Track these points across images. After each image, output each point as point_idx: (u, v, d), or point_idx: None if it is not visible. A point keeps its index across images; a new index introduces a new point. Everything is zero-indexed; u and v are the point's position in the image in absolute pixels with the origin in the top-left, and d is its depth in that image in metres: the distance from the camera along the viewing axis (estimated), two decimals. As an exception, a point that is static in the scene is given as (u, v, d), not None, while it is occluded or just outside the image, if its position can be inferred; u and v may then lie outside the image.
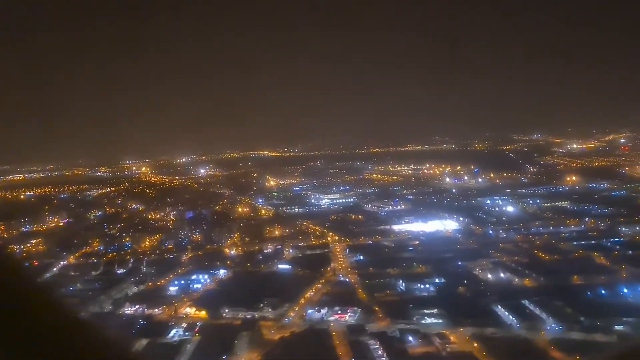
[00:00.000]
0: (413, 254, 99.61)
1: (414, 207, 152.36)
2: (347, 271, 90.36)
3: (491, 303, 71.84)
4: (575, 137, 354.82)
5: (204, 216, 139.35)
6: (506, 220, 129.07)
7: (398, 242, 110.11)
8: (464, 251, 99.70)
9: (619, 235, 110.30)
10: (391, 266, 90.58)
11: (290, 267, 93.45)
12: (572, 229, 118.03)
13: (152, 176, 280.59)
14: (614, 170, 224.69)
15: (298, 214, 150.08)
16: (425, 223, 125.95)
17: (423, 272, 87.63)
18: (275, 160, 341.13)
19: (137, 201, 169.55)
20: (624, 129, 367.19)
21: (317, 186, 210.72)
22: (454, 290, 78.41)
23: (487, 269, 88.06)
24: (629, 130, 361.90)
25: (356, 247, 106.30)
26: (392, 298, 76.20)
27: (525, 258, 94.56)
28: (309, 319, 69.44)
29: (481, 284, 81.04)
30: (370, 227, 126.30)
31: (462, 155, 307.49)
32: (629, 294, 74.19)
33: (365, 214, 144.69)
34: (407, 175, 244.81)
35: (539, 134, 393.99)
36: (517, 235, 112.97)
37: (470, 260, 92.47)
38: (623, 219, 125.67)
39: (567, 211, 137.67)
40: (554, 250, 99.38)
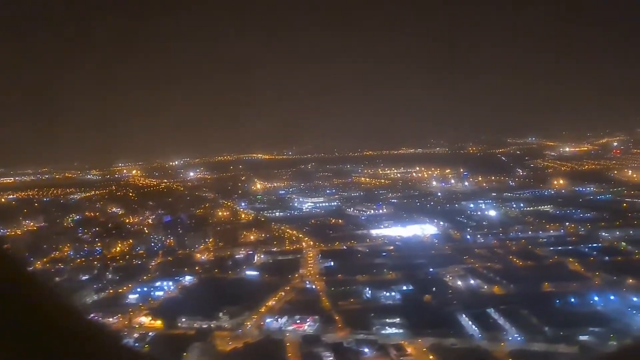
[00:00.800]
0: (385, 259, 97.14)
1: (396, 211, 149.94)
2: (315, 278, 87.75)
3: (456, 312, 69.27)
4: (569, 140, 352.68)
5: (182, 220, 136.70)
6: (486, 224, 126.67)
7: (373, 247, 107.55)
8: (438, 257, 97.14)
9: (597, 240, 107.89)
10: (361, 272, 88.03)
11: (258, 274, 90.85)
12: (551, 233, 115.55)
13: (141, 179, 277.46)
14: (603, 173, 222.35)
15: (278, 217, 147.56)
16: (404, 227, 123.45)
17: (392, 279, 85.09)
18: (267, 163, 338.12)
19: (118, 205, 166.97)
20: (618, 132, 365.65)
21: (303, 189, 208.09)
22: (420, 298, 75.86)
23: (458, 275, 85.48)
24: (623, 134, 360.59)
25: (329, 253, 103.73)
26: (356, 306, 73.59)
27: (499, 264, 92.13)
28: (266, 329, 66.84)
29: (449, 291, 78.45)
30: (348, 232, 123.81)
31: (454, 158, 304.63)
32: (599, 302, 71.66)
33: (345, 218, 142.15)
34: (396, 178, 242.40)
35: (534, 137, 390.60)
36: (495, 240, 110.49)
37: (443, 267, 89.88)
38: (604, 223, 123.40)
39: (549, 215, 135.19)
40: (529, 256, 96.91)
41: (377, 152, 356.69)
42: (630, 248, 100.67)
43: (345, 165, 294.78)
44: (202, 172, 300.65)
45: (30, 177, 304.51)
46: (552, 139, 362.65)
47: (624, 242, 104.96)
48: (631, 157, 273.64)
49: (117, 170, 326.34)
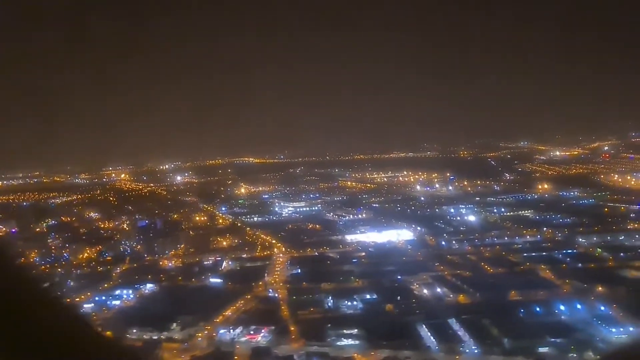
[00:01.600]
0: (354, 266, 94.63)
1: (375, 216, 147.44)
2: (280, 286, 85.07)
3: (416, 322, 66.76)
4: (562, 144, 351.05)
5: (156, 225, 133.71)
6: (464, 230, 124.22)
7: (344, 253, 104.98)
8: (408, 264, 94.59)
9: (573, 246, 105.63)
10: (327, 280, 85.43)
11: (221, 281, 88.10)
12: (527, 239, 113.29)
13: (128, 183, 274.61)
14: (589, 178, 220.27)
15: (256, 223, 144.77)
16: (380, 233, 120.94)
17: (357, 287, 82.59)
18: (258, 167, 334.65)
19: (96, 209, 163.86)
20: (610, 137, 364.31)
21: (287, 194, 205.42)
22: (382, 307, 73.36)
23: (426, 283, 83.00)
24: (615, 138, 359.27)
25: (299, 259, 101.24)
26: (315, 316, 70.97)
27: (469, 271, 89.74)
28: (217, 341, 64.16)
29: (413, 300, 75.85)
30: (323, 238, 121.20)
31: (444, 162, 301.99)
32: (565, 312, 69.29)
33: (323, 223, 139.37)
34: (382, 182, 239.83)
35: (526, 141, 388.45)
36: (469, 246, 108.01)
37: (411, 274, 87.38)
38: (582, 229, 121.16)
39: (528, 221, 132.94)
40: (501, 262, 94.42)
41: (368, 156, 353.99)
42: (605, 254, 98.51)
43: (334, 169, 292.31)
44: (190, 176, 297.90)
45: (19, 181, 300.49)
46: (544, 143, 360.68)
47: (600, 248, 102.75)
48: (620, 161, 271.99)
49: (106, 174, 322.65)
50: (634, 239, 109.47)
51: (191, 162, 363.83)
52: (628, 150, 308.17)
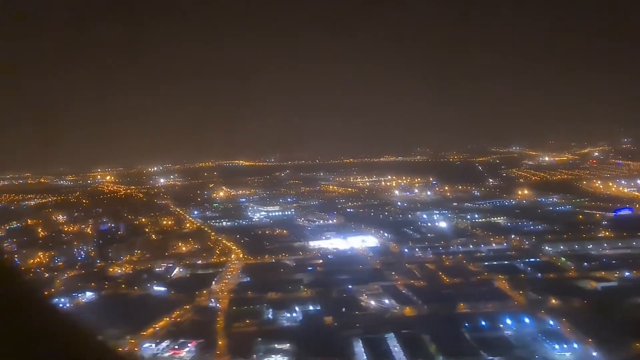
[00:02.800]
0: (308, 275, 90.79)
1: (347, 221, 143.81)
2: (224, 295, 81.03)
3: (353, 337, 62.76)
4: (553, 149, 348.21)
5: (118, 230, 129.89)
6: (431, 237, 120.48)
7: (302, 260, 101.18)
8: (364, 272, 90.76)
9: (538, 255, 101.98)
10: (275, 289, 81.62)
11: (165, 290, 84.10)
12: (493, 247, 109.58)
13: (110, 185, 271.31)
14: (572, 184, 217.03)
15: (223, 227, 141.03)
16: (345, 239, 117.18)
17: (304, 297, 78.74)
18: (246, 170, 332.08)
19: (65, 212, 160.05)
20: (602, 142, 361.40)
21: (265, 198, 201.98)
22: (322, 320, 69.34)
23: (376, 294, 79.15)
24: (607, 144, 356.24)
25: (253, 267, 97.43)
26: (250, 329, 66.95)
27: (424, 281, 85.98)
28: (139, 356, 60.07)
29: (357, 312, 71.86)
30: (286, 244, 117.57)
31: (431, 167, 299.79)
32: (511, 326, 65.29)
33: (291, 228, 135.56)
34: (364, 187, 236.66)
35: (518, 146, 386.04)
36: (432, 254, 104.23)
37: (364, 284, 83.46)
38: (551, 236, 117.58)
39: (499, 227, 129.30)
40: (460, 272, 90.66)
41: (358, 160, 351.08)
42: (569, 264, 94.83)
43: (319, 173, 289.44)
44: (175, 179, 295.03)
45: (4, 182, 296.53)
46: (536, 148, 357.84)
47: (564, 257, 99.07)
48: (607, 167, 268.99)
49: (93, 176, 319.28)
50: (601, 248, 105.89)
51: (181, 164, 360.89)
52: (617, 156, 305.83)
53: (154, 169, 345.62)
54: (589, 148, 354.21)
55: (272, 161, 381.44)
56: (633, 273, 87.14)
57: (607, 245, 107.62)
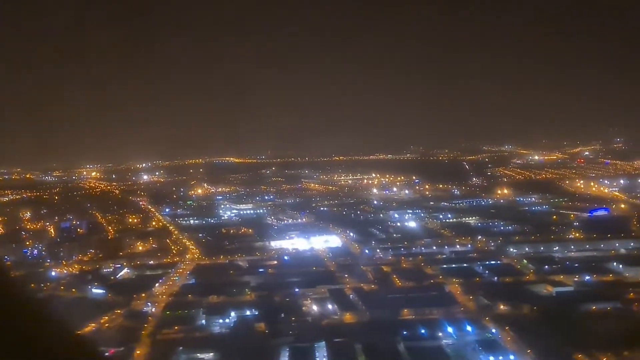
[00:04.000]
0: (257, 277, 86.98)
1: (316, 220, 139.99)
2: (162, 299, 77.13)
3: (282, 345, 58.89)
4: (545, 148, 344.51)
5: (79, 227, 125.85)
6: (396, 237, 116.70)
7: (256, 261, 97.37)
8: (315, 275, 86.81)
9: (500, 257, 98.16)
10: (218, 292, 77.73)
11: (104, 292, 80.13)
12: (456, 248, 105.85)
13: (92, 182, 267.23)
14: (554, 183, 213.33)
15: (190, 226, 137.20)
16: (307, 239, 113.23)
17: (245, 301, 75.03)
18: (234, 166, 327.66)
19: (34, 208, 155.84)
20: (594, 142, 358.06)
21: (242, 195, 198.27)
22: (254, 326, 65.42)
23: (321, 298, 75.28)
24: (599, 144, 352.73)
25: (204, 268, 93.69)
26: (177, 335, 63.07)
27: (375, 285, 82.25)
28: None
29: (294, 318, 67.88)
30: (247, 243, 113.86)
31: (418, 165, 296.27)
32: (451, 334, 61.51)
33: (258, 227, 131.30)
34: (345, 185, 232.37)
35: (510, 145, 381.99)
36: (393, 255, 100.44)
37: (311, 287, 79.66)
38: (519, 237, 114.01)
39: (469, 228, 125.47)
40: (415, 275, 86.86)
41: (348, 158, 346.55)
42: (530, 266, 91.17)
43: (304, 171, 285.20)
44: (160, 176, 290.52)
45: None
46: (528, 147, 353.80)
47: (527, 259, 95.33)
48: (594, 167, 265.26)
49: (79, 172, 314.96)
50: (567, 250, 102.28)
51: (171, 161, 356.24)
52: (606, 156, 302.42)
53: (142, 165, 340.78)
54: (580, 147, 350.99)
55: (263, 158, 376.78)
56: (593, 277, 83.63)
57: (574, 248, 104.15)
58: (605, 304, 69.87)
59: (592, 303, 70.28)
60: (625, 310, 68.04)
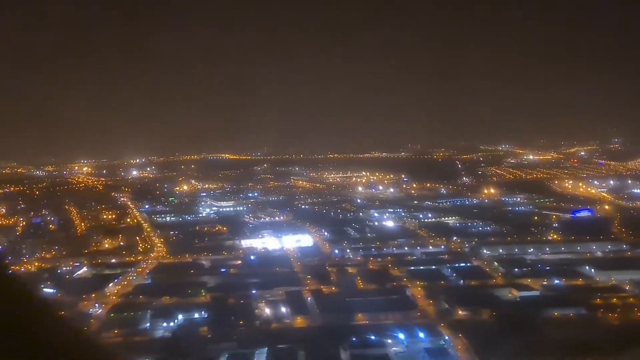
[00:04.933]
0: (217, 277, 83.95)
1: (294, 218, 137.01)
2: (112, 300, 74.01)
3: (222, 351, 55.69)
4: (542, 148, 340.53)
5: (49, 224, 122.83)
6: (370, 237, 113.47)
7: (220, 261, 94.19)
8: (277, 275, 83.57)
9: (471, 259, 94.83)
10: (173, 293, 74.55)
11: (54, 292, 76.85)
12: (429, 249, 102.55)
13: (81, 177, 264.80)
14: (543, 183, 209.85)
15: (165, 223, 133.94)
16: (279, 238, 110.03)
17: (197, 303, 71.88)
18: (229, 163, 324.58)
19: (10, 203, 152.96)
20: (591, 142, 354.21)
21: (227, 192, 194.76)
22: (198, 330, 62.18)
23: (277, 300, 71.97)
24: (597, 144, 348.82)
25: (165, 267, 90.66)
26: (116, 339, 59.76)
27: (336, 287, 78.92)
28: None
29: (241, 322, 64.58)
30: (217, 242, 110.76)
31: (412, 164, 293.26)
32: (402, 341, 58.27)
33: (234, 225, 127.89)
34: (333, 182, 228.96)
35: (507, 145, 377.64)
36: (362, 256, 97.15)
37: (269, 288, 76.44)
38: (495, 238, 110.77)
39: (446, 228, 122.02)
40: (380, 276, 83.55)
41: (343, 156, 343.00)
42: (500, 269, 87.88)
43: (296, 168, 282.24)
44: (151, 171, 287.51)
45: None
46: (525, 146, 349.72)
47: (498, 261, 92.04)
48: (587, 167, 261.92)
49: (71, 167, 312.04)
50: (541, 252, 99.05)
51: (166, 157, 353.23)
52: (602, 156, 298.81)
53: (137, 161, 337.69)
54: (577, 147, 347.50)
55: (259, 155, 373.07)
56: (562, 281, 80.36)
57: (549, 250, 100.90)
58: (569, 310, 66.71)
59: (555, 309, 67.04)
60: (589, 317, 64.73)
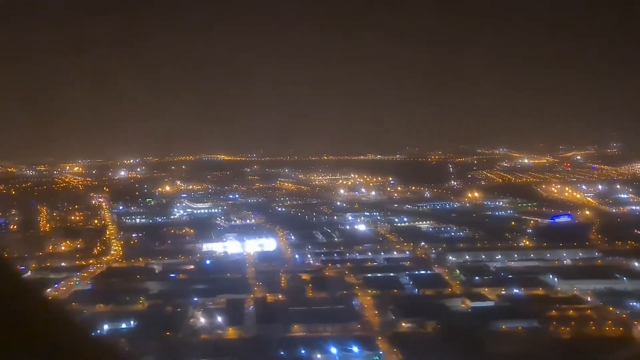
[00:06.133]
0: (162, 283, 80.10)
1: (267, 221, 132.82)
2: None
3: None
4: (540, 152, 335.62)
5: (9, 225, 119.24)
6: (337, 242, 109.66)
7: (172, 265, 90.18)
8: (226, 282, 79.24)
9: (433, 266, 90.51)
10: (110, 300, 70.66)
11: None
12: (393, 255, 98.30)
13: (67, 177, 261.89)
14: (530, 187, 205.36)
15: (134, 225, 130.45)
16: (242, 242, 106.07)
17: (131, 312, 67.79)
18: (222, 164, 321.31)
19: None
20: (589, 146, 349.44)
21: (208, 194, 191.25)
22: (116, 344, 57.97)
23: (216, 309, 67.88)
24: (594, 148, 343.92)
25: (112, 272, 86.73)
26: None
27: (284, 295, 74.80)
28: None
29: (168, 333, 60.43)
30: (178, 245, 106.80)
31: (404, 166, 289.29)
32: (335, 356, 54.11)
33: (202, 227, 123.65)
34: (318, 185, 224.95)
35: (504, 148, 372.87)
36: (322, 261, 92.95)
37: (213, 296, 72.49)
38: (464, 244, 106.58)
39: (418, 233, 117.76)
40: (333, 284, 79.08)
41: (337, 158, 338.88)
42: (461, 277, 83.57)
43: (285, 170, 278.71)
44: (140, 172, 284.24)
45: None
46: (522, 150, 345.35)
47: (461, 269, 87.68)
48: (580, 171, 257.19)
49: (62, 167, 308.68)
50: (509, 259, 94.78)
51: (161, 157, 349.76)
52: (597, 161, 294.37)
53: (131, 161, 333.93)
54: (574, 151, 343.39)
55: (254, 156, 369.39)
56: (522, 290, 75.97)
57: (518, 256, 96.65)
58: (520, 323, 62.43)
59: (505, 321, 62.79)
60: (538, 331, 60.43)
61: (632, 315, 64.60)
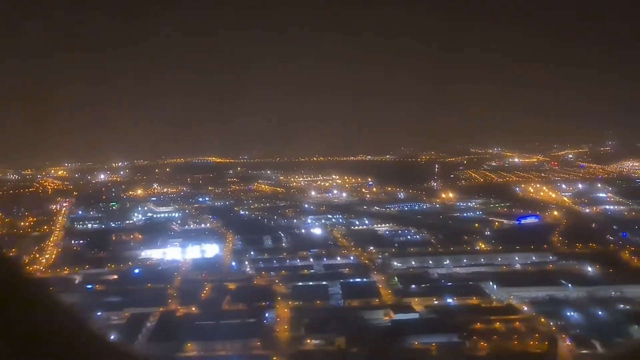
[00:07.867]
0: (75, 295, 72.07)
1: (222, 225, 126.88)
2: None
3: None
4: (533, 151, 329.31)
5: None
6: (284, 247, 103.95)
7: (94, 276, 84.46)
8: (143, 293, 73.64)
9: (372, 273, 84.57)
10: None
11: None
12: (334, 262, 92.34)
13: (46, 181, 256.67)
14: (508, 187, 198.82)
15: (85, 230, 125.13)
16: (184, 248, 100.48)
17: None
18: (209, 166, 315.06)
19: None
20: (583, 145, 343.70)
21: (177, 197, 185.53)
22: None
23: (116, 325, 62.37)
24: (589, 146, 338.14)
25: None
26: None
27: (198, 307, 69.02)
28: None
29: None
30: (117, 252, 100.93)
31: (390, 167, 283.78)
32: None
33: (153, 233, 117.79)
34: (295, 186, 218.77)
35: (498, 148, 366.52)
36: (259, 269, 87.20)
37: (120, 309, 67.08)
38: (414, 249, 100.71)
39: (373, 236, 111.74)
40: (255, 295, 72.96)
41: (326, 158, 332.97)
42: (399, 285, 77.71)
43: (267, 171, 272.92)
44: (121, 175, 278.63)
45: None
46: (515, 149, 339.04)
47: (400, 276, 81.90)
48: (566, 170, 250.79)
49: (47, 171, 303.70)
50: (456, 264, 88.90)
51: (151, 160, 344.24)
52: (587, 159, 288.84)
53: (119, 164, 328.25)
54: (566, 150, 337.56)
55: (246, 158, 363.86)
56: (455, 299, 69.96)
57: (466, 262, 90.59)
58: (439, 337, 56.41)
59: (424, 335, 56.87)
60: (455, 346, 54.48)
61: (564, 327, 58.66)
